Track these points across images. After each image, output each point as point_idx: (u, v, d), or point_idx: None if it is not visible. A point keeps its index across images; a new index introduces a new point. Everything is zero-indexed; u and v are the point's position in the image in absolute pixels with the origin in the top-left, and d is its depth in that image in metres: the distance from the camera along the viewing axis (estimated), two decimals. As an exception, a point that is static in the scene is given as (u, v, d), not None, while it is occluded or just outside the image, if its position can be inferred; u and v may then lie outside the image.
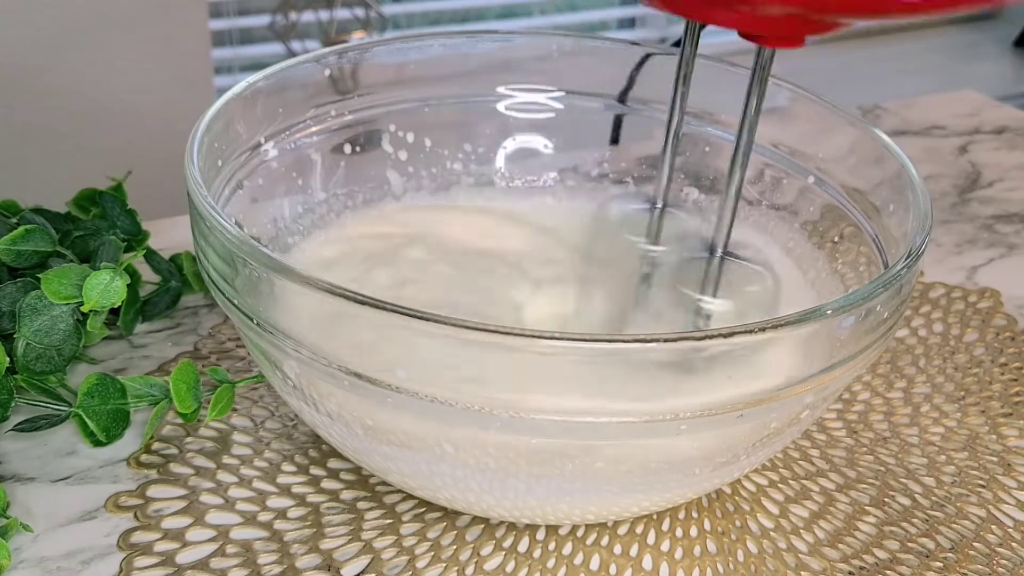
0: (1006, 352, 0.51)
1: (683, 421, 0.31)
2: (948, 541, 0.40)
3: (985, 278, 0.57)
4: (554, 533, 0.39)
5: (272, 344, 0.33)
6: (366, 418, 0.34)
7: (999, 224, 0.63)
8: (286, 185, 0.46)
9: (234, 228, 0.33)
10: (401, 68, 0.48)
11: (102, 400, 0.41)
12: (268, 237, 0.44)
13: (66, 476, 0.41)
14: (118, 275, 0.40)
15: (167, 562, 0.37)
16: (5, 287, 0.42)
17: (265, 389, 0.45)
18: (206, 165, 0.38)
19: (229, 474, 0.41)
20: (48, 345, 0.40)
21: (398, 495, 0.40)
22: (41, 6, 1.17)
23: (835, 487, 0.42)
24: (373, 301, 0.30)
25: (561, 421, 0.31)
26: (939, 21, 2.02)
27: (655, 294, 0.40)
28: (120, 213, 0.48)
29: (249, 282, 0.33)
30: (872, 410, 0.46)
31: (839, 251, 0.43)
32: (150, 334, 0.49)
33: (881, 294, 0.32)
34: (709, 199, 0.49)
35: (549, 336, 0.29)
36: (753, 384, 0.31)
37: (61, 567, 0.37)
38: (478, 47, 0.49)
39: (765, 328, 0.30)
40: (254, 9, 1.48)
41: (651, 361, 0.30)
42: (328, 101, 0.46)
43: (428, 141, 0.50)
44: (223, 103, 0.40)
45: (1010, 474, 0.43)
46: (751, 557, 0.39)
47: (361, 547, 0.38)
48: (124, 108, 1.26)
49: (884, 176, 0.40)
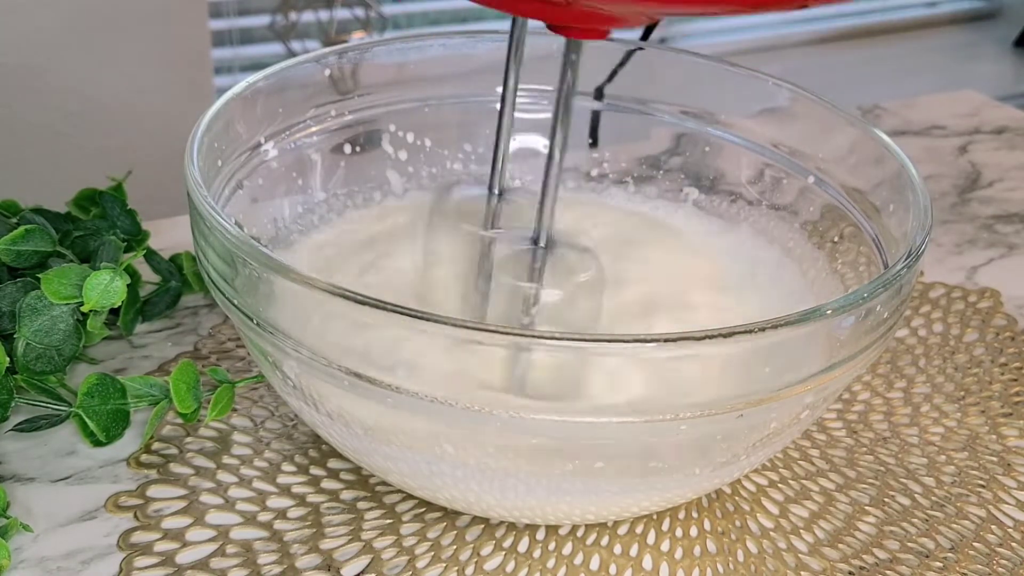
0: (1006, 352, 0.51)
1: (683, 421, 0.31)
2: (948, 541, 0.40)
3: (985, 278, 0.57)
4: (554, 533, 0.39)
5: (272, 344, 0.33)
6: (366, 418, 0.34)
7: (999, 224, 0.63)
8: (286, 185, 0.46)
9: (234, 228, 0.33)
10: (401, 68, 0.48)
11: (102, 400, 0.41)
12: (268, 237, 0.44)
13: (66, 476, 0.41)
14: (118, 275, 0.40)
15: (167, 562, 0.37)
16: (5, 287, 0.42)
17: (265, 389, 0.45)
18: (206, 165, 0.38)
19: (229, 474, 0.41)
20: (48, 345, 0.40)
21: (398, 495, 0.40)
22: (41, 6, 1.17)
23: (835, 487, 0.42)
24: (373, 301, 0.30)
25: (561, 421, 0.31)
26: (939, 21, 2.02)
27: (487, 284, 0.39)
28: (120, 213, 0.48)
29: (249, 282, 0.33)
30: (872, 410, 0.46)
31: (839, 251, 0.43)
32: (150, 334, 0.49)
33: (881, 294, 0.32)
34: (709, 199, 0.49)
35: (548, 336, 0.29)
36: (753, 384, 0.31)
37: (61, 567, 0.37)
38: (478, 47, 0.49)
39: (765, 328, 0.30)
40: (254, 9, 1.48)
41: (651, 361, 0.30)
42: (328, 101, 0.46)
43: (428, 141, 0.50)
44: (223, 103, 0.40)
45: (1010, 474, 0.43)
46: (751, 557, 0.39)
47: (361, 547, 0.38)
48: (124, 108, 1.26)
49: (884, 176, 0.40)
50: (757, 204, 0.47)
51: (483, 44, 0.49)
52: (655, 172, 0.50)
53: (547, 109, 0.50)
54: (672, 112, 0.49)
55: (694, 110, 0.48)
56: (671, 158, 0.50)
